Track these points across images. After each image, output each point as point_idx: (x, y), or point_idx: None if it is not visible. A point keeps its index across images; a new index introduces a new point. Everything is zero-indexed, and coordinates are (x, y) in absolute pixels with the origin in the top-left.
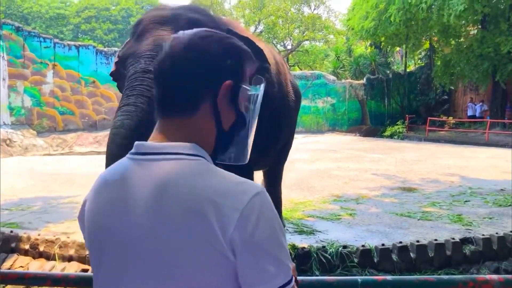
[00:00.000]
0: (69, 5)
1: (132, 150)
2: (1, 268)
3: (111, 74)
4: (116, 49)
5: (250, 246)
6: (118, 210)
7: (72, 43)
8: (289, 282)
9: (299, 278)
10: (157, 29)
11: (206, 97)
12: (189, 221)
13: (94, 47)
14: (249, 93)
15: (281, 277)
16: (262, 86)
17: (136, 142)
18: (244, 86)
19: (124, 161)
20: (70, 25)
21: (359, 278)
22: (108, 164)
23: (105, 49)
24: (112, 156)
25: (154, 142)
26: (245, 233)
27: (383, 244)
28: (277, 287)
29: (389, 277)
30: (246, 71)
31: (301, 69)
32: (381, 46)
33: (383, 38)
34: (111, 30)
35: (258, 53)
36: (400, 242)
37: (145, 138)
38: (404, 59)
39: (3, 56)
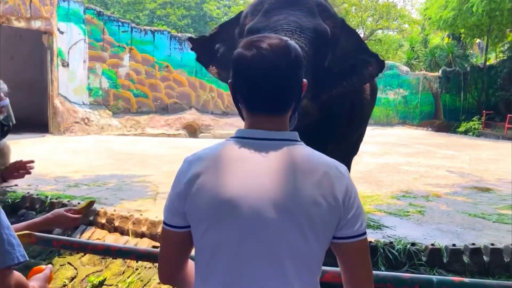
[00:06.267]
0: None
1: (240, 135)
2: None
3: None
4: (189, 34)
5: (353, 206)
6: (250, 183)
7: (148, 28)
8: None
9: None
10: (286, 8)
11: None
12: (315, 190)
13: (168, 32)
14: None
15: (364, 226)
16: None
17: (246, 130)
18: (305, 80)
19: (232, 143)
20: (146, 10)
21: (434, 277)
22: None
23: (179, 34)
24: None
25: (266, 130)
26: (350, 196)
27: (454, 245)
28: (362, 232)
29: (466, 280)
30: None
31: None
32: (460, 38)
33: (462, 29)
34: (185, 16)
35: (364, 45)
36: (473, 244)
37: None
38: (484, 51)
39: (84, 39)
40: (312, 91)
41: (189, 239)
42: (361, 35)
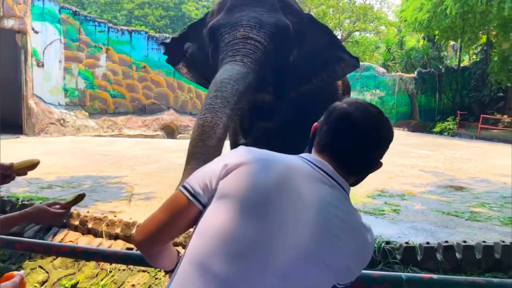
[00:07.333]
0: None
1: (309, 159)
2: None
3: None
4: (167, 35)
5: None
6: (293, 199)
7: (125, 28)
8: None
9: None
10: (248, 5)
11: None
12: (348, 236)
13: (146, 32)
14: None
15: None
16: None
17: (317, 159)
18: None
19: (302, 163)
20: (123, 10)
21: (403, 274)
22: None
23: (157, 35)
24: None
25: (332, 168)
26: (366, 263)
27: (427, 243)
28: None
29: (435, 276)
30: None
31: None
32: (435, 40)
33: (437, 31)
34: (163, 17)
35: (337, 41)
36: (446, 242)
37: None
38: (458, 53)
39: (60, 39)
40: (276, 88)
41: (194, 219)
42: (339, 37)
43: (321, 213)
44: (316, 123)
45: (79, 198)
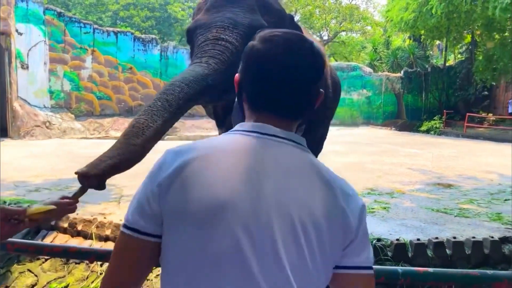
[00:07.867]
0: None
1: (244, 128)
2: None
3: None
4: (153, 36)
5: (363, 230)
6: (253, 178)
7: (111, 29)
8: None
9: None
10: (226, 5)
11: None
12: (326, 203)
13: (132, 33)
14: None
15: (372, 258)
16: None
17: (252, 123)
18: (322, 90)
19: (233, 136)
20: (109, 12)
21: (399, 268)
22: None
23: (143, 36)
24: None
25: (274, 127)
26: (361, 218)
27: (418, 239)
28: (369, 264)
29: (430, 269)
30: None
31: (337, 61)
32: (421, 39)
33: (422, 31)
34: (149, 18)
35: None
36: (436, 238)
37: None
38: (444, 53)
39: (45, 41)
40: None
41: (156, 252)
42: (325, 37)
43: (283, 180)
44: (237, 75)
45: (83, 190)
